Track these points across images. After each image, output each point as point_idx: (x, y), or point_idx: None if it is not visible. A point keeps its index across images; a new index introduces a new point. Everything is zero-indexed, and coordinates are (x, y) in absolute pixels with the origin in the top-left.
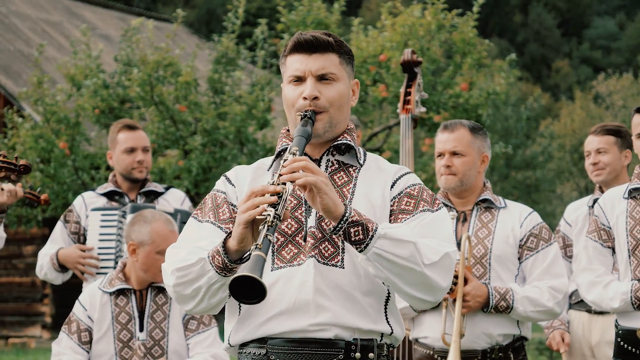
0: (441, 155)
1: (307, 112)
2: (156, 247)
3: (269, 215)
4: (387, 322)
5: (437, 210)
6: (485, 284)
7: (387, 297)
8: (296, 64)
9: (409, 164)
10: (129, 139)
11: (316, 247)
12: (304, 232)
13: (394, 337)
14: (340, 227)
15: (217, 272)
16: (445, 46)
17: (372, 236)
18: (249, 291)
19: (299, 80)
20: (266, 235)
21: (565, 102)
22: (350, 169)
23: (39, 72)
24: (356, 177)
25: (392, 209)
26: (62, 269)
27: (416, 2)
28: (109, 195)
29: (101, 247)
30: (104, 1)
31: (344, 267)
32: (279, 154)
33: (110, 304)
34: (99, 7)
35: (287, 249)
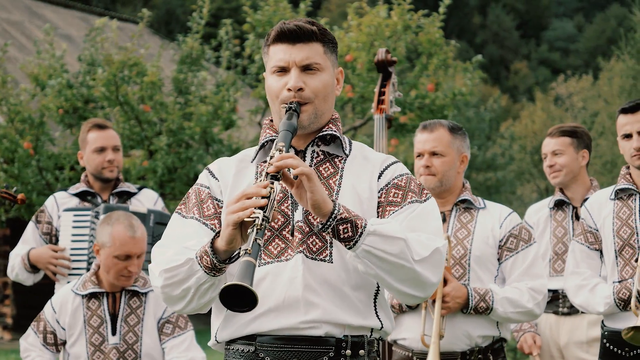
0: (420, 155)
1: (292, 105)
2: (114, 251)
3: (258, 218)
4: (377, 316)
5: (425, 200)
6: (464, 285)
7: (376, 291)
8: (279, 54)
9: None
10: (99, 138)
11: (304, 242)
12: (290, 226)
13: (384, 331)
14: (328, 224)
15: (205, 272)
16: (411, 47)
17: (362, 233)
18: (240, 298)
19: (283, 70)
20: (255, 239)
21: (525, 104)
22: (336, 160)
23: (1, 71)
24: (342, 169)
25: (379, 201)
26: (33, 269)
27: (382, 2)
28: (82, 195)
29: (73, 248)
30: (65, 1)
31: (332, 262)
32: (262, 146)
33: (82, 307)
34: (60, 7)
35: (274, 243)
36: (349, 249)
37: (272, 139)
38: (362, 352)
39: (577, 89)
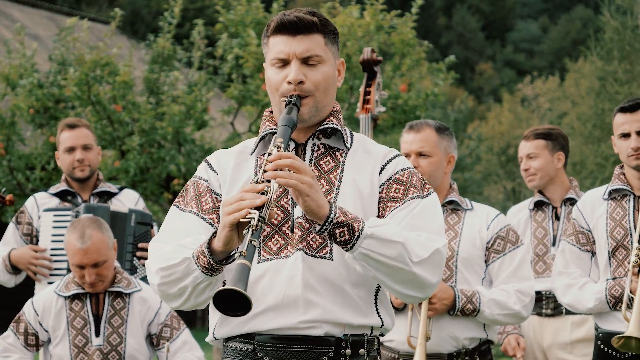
0: (407, 156)
1: (291, 98)
2: (70, 260)
3: (253, 218)
4: (378, 313)
5: (427, 195)
6: (451, 286)
7: (377, 288)
8: (279, 45)
9: None
10: (69, 138)
11: (304, 239)
12: (290, 222)
13: (385, 328)
14: (324, 228)
15: (202, 272)
16: (384, 47)
17: (358, 236)
18: (234, 302)
19: (283, 62)
20: (250, 241)
21: (491, 105)
22: (337, 153)
23: None
24: (343, 162)
25: (380, 196)
26: (14, 270)
27: (355, 2)
28: (62, 195)
29: (54, 248)
30: (32, 0)
31: (332, 259)
32: (262, 138)
33: (65, 309)
34: (27, 7)
35: (273, 239)
36: (347, 250)
37: (272, 132)
38: (362, 351)
39: (543, 90)
